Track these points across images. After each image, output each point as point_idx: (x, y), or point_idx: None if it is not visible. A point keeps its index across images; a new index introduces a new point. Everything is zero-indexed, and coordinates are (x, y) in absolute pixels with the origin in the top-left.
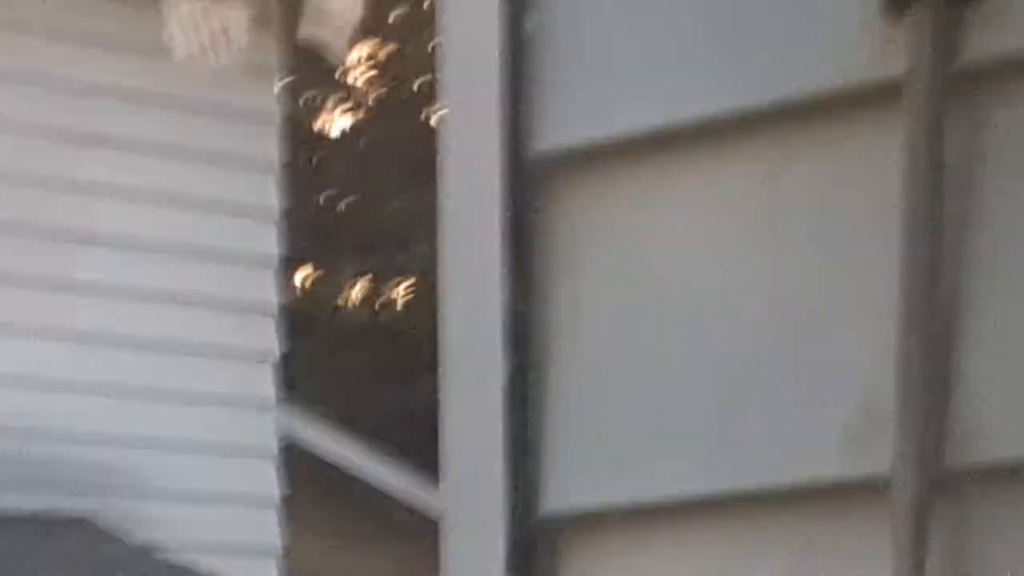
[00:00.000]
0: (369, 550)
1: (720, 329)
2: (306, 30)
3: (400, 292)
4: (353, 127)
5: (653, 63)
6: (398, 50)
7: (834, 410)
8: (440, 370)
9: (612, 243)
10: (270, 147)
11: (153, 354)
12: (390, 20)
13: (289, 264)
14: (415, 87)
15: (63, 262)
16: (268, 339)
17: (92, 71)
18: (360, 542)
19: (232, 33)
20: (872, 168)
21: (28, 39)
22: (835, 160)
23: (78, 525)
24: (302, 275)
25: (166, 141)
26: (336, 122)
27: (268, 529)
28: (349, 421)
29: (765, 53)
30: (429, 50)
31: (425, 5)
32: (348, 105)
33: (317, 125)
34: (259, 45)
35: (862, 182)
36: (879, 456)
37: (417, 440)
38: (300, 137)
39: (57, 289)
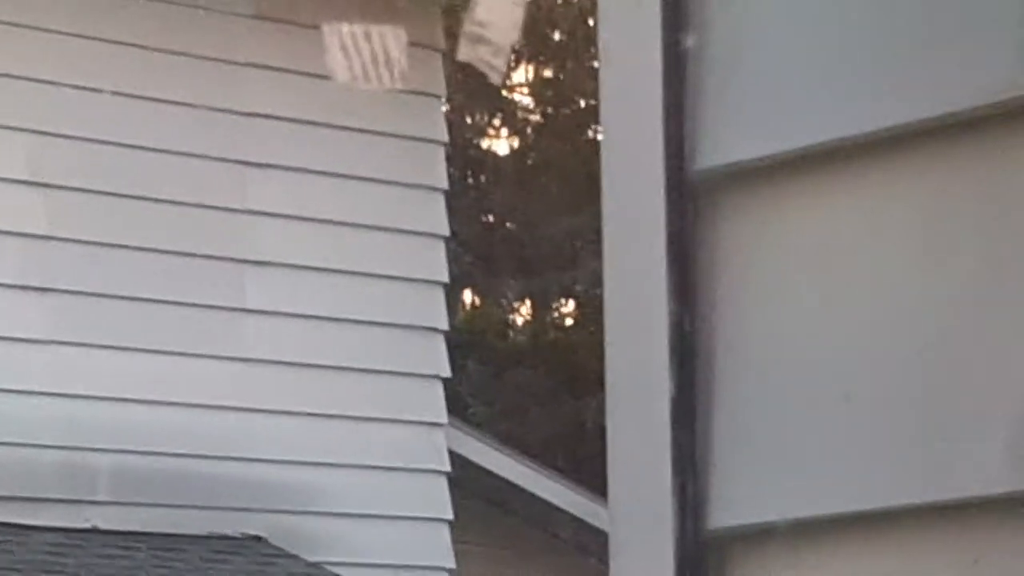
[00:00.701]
0: (536, 567)
1: (887, 345)
2: (465, 51)
3: (566, 312)
4: (518, 148)
5: (814, 80)
6: (562, 71)
7: (1001, 425)
8: (606, 388)
9: (776, 261)
10: (437, 170)
11: (324, 375)
12: (554, 41)
13: (457, 285)
14: (580, 107)
15: (234, 286)
16: (437, 359)
17: (259, 98)
18: (526, 559)
19: (393, 55)
20: None
21: (194, 66)
22: (1000, 173)
23: (253, 544)
24: (470, 296)
25: (333, 166)
26: (501, 144)
27: (440, 547)
28: (517, 440)
29: (928, 68)
30: (593, 70)
31: (591, 24)
32: (513, 127)
33: (483, 147)
34: (424, 68)
35: None
36: None
37: (584, 458)
38: (467, 159)
39: (228, 312)
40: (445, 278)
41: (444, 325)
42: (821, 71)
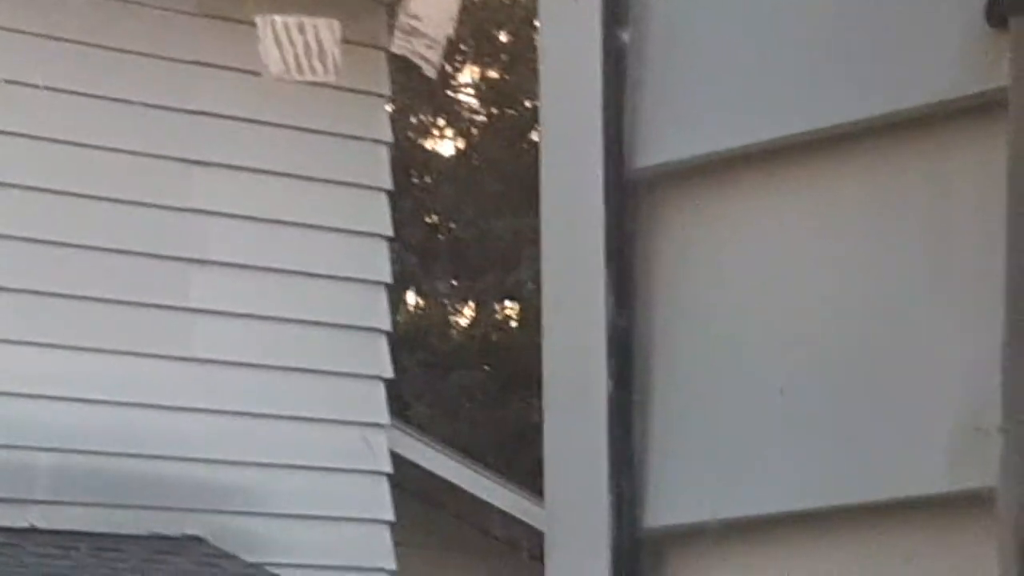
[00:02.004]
0: (477, 568)
1: (823, 343)
2: (399, 43)
3: (509, 313)
4: (462, 149)
5: (752, 78)
6: (507, 72)
7: (940, 424)
8: (543, 385)
9: (713, 258)
10: (381, 170)
11: (266, 375)
12: (500, 42)
13: (400, 286)
14: (524, 108)
15: (177, 285)
16: (380, 360)
17: (204, 95)
18: (467, 560)
19: (326, 47)
20: (978, 179)
21: (136, 63)
22: (941, 171)
23: (193, 544)
24: (412, 297)
25: (278, 165)
26: (446, 144)
27: (381, 548)
28: (458, 441)
29: (869, 67)
30: (537, 72)
31: (536, 26)
32: (458, 128)
33: (427, 147)
34: (368, 67)
35: (968, 193)
36: (985, 470)
37: (526, 459)
38: (409, 160)
39: (171, 311)
40: (388, 278)
41: (387, 326)
42: (760, 69)
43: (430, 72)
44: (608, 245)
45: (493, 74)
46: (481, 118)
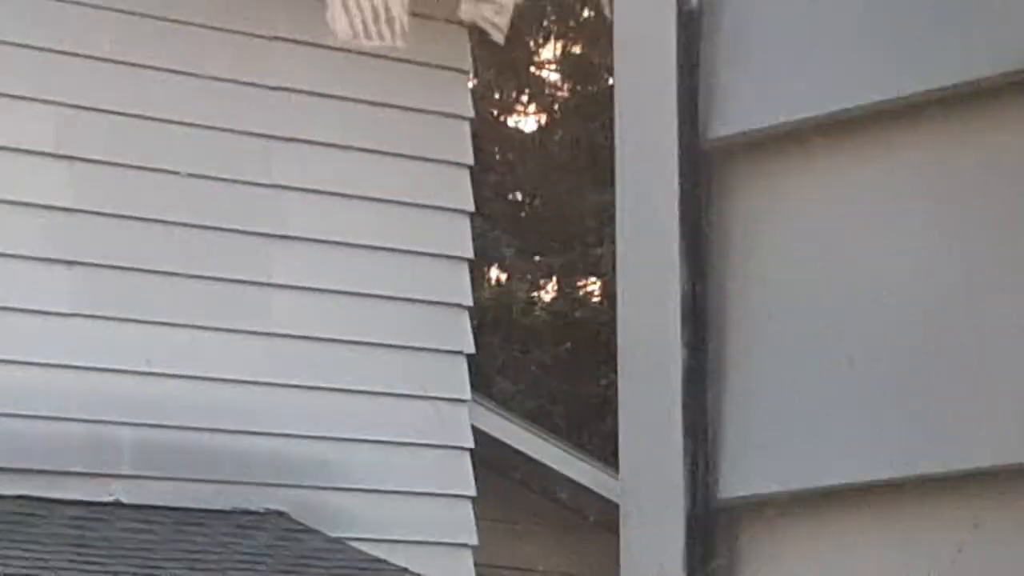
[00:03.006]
0: (559, 544)
1: (897, 314)
2: (467, 9)
3: (592, 290)
4: (545, 125)
5: (827, 48)
6: (590, 48)
7: (1012, 394)
8: (618, 356)
9: (787, 228)
10: (463, 145)
11: (348, 351)
12: (583, 18)
13: (483, 262)
14: (607, 84)
15: (259, 261)
16: (462, 335)
17: (286, 71)
18: (549, 536)
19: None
20: None
21: (221, 39)
22: (1011, 142)
23: (275, 519)
24: (495, 272)
25: (359, 140)
26: (529, 121)
27: (463, 522)
28: (541, 417)
29: (936, 39)
30: None
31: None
32: (541, 104)
33: (511, 124)
34: (450, 43)
35: None
36: None
37: (609, 436)
38: (493, 136)
39: (252, 287)
40: (470, 254)
41: (468, 301)
42: (834, 39)
43: (498, 38)
44: (682, 214)
45: (576, 50)
46: (563, 94)
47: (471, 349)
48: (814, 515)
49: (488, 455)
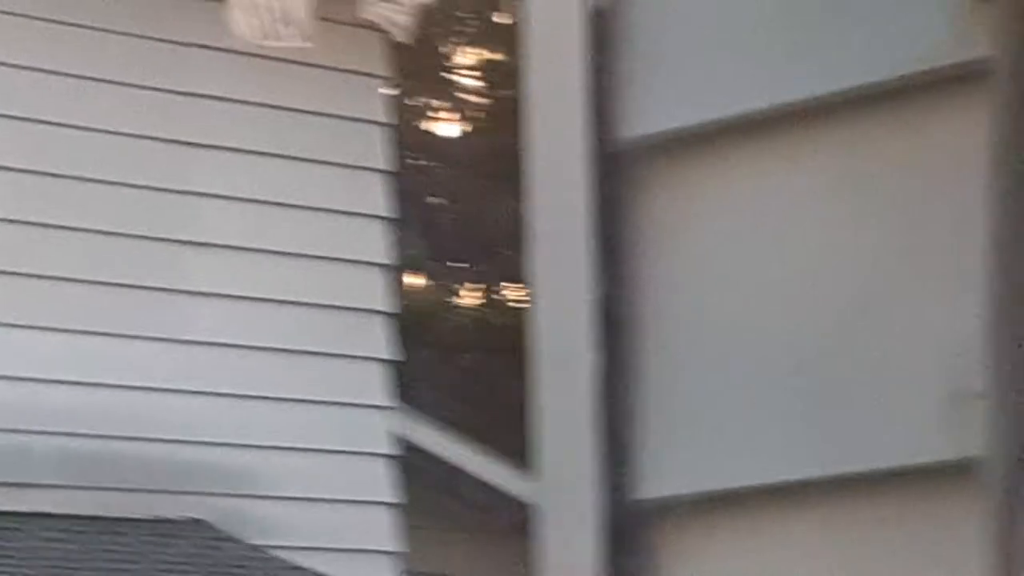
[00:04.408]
0: (481, 549)
1: (808, 313)
2: (368, 8)
3: (512, 295)
4: (461, 133)
5: (736, 50)
6: (511, 53)
7: (922, 395)
8: (533, 360)
9: (698, 230)
10: (378, 151)
11: (269, 358)
12: (499, 24)
13: (400, 269)
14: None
15: (175, 268)
16: (380, 343)
17: (200, 78)
18: (471, 541)
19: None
20: (957, 149)
21: (130, 44)
22: (921, 142)
23: (196, 527)
24: (413, 280)
25: (274, 147)
26: (443, 127)
27: (380, 530)
28: (461, 423)
29: (852, 38)
30: None
31: None
32: (456, 111)
33: (428, 130)
34: (363, 47)
35: (947, 164)
36: (967, 439)
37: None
38: (409, 142)
39: (170, 294)
40: (389, 259)
41: (389, 307)
42: (744, 40)
43: (403, 37)
44: (592, 216)
45: (496, 56)
46: (484, 100)
47: (389, 355)
48: (725, 515)
49: (411, 462)
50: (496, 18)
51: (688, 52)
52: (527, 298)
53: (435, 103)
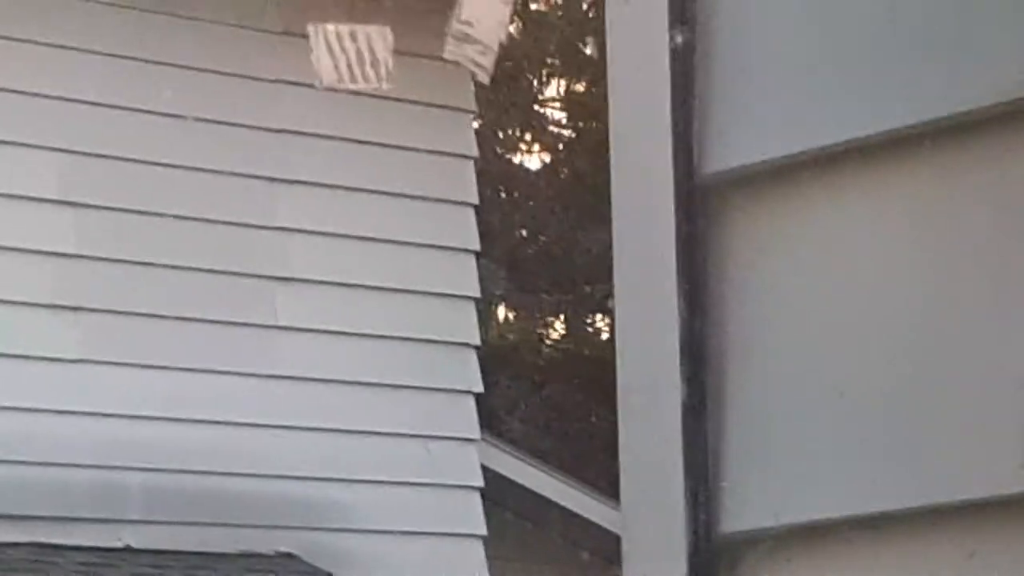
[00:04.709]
0: None
1: (897, 345)
2: (452, 50)
3: (600, 327)
4: (550, 163)
5: (820, 81)
6: (594, 85)
7: (1005, 427)
8: (618, 393)
9: (781, 262)
10: (467, 185)
11: (357, 392)
12: (584, 56)
13: (490, 301)
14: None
15: (264, 303)
16: (470, 374)
17: (288, 114)
18: (557, 572)
19: (379, 55)
20: None
21: (224, 83)
22: (1005, 174)
23: (285, 561)
24: (502, 311)
25: (363, 182)
26: (533, 159)
27: (474, 562)
28: (550, 455)
29: (936, 68)
30: None
31: None
32: (543, 143)
33: (515, 162)
34: (453, 83)
35: None
36: None
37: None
38: (497, 175)
39: (259, 329)
40: (476, 293)
41: (476, 340)
42: (825, 73)
43: (484, 79)
44: (679, 250)
45: (579, 87)
46: (568, 132)
47: (479, 388)
48: (808, 548)
49: (498, 494)
50: (586, 50)
51: (771, 85)
52: (612, 328)
53: (523, 135)
